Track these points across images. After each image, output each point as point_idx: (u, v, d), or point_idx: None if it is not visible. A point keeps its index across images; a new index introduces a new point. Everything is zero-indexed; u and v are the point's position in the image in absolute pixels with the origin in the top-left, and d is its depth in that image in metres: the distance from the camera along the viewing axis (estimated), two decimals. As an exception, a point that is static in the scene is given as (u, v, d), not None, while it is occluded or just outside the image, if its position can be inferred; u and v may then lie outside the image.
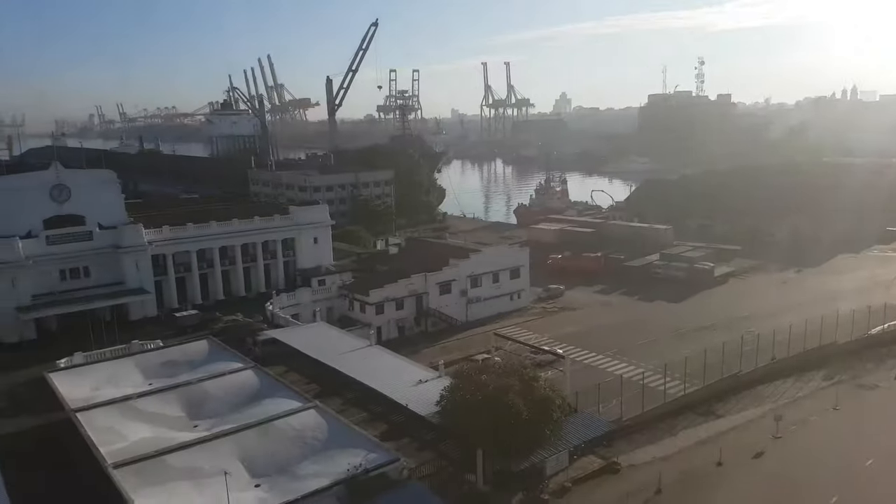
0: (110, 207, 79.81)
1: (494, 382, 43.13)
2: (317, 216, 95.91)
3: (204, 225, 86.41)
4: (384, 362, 57.20)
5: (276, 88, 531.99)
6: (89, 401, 49.42)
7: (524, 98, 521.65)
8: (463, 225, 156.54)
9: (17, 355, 68.30)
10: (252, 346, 65.51)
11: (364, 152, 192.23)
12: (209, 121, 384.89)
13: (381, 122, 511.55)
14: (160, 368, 57.02)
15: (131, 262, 78.52)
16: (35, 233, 74.50)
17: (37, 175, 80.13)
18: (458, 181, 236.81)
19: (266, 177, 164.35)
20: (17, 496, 37.18)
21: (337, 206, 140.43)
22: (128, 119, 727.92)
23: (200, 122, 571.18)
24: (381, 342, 67.11)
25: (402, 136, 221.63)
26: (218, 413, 48.88)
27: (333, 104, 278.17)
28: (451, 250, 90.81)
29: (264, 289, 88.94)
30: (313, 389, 53.26)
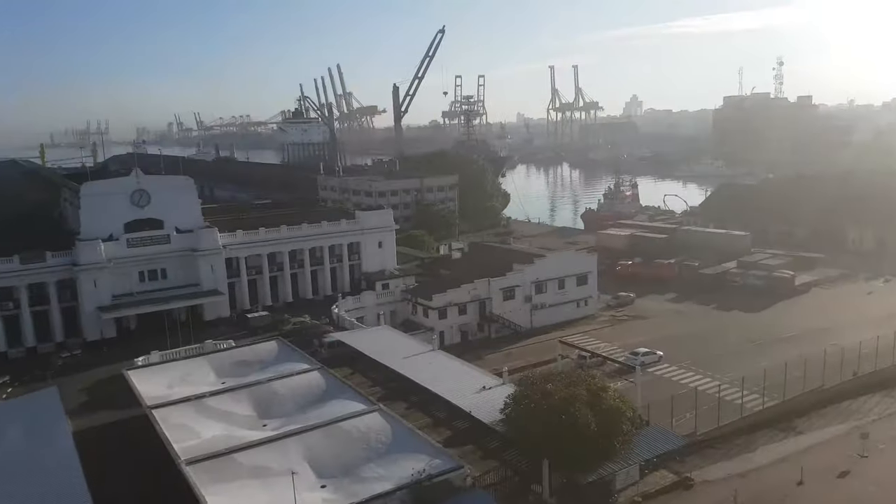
0: (187, 212, 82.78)
1: (561, 392, 42.00)
2: (381, 221, 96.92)
3: (275, 229, 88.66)
4: (447, 367, 56.92)
5: (344, 97, 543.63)
6: (165, 398, 51.10)
7: (592, 101, 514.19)
8: (528, 230, 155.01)
9: (98, 353, 71.78)
10: (319, 348, 66.56)
11: (428, 158, 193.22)
12: (281, 129, 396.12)
13: (445, 127, 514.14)
14: (232, 368, 58.48)
15: (206, 265, 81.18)
16: (116, 236, 77.94)
17: (119, 181, 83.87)
18: (523, 185, 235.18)
19: (334, 183, 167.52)
20: (96, 489, 38.73)
21: (401, 210, 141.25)
22: (204, 127, 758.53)
23: (273, 130, 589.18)
24: (443, 347, 67.14)
25: (466, 142, 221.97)
26: (286, 413, 49.69)
27: (399, 111, 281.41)
28: (515, 255, 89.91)
29: (330, 291, 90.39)
30: (377, 392, 53.54)
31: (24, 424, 48.23)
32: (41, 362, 69.09)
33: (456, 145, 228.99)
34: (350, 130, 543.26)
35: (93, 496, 37.83)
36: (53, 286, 74.32)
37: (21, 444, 45.40)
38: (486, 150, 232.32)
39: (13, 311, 72.40)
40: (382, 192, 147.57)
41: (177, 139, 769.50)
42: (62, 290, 74.78)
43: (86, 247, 74.79)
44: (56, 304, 74.55)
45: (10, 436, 46.61)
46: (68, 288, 74.94)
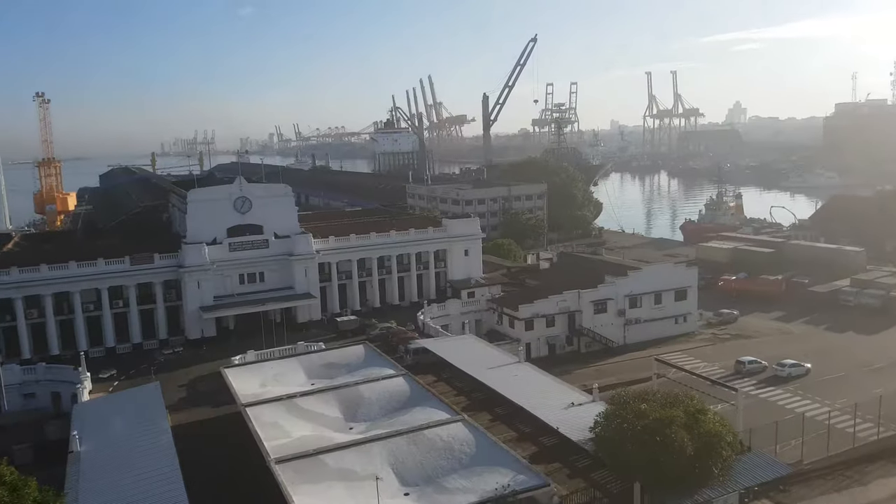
0: (285, 218, 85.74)
1: (656, 412, 39.94)
2: (468, 229, 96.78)
3: (364, 236, 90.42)
4: (534, 381, 55.78)
5: (434, 107, 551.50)
6: (258, 396, 52.84)
7: (692, 107, 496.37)
8: (621, 241, 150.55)
9: (198, 350, 75.32)
10: (404, 354, 66.98)
11: (517, 166, 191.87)
12: (373, 139, 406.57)
13: (535, 135, 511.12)
14: (321, 369, 59.81)
15: (301, 269, 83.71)
16: (220, 240, 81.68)
17: (223, 188, 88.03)
18: (616, 194, 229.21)
19: (422, 191, 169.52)
20: (190, 481, 40.40)
21: (488, 219, 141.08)
22: (302, 138, 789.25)
23: (365, 140, 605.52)
24: (530, 359, 65.64)
25: (556, 150, 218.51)
26: (371, 417, 50.21)
27: (488, 120, 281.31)
28: (607, 267, 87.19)
29: (416, 298, 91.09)
30: (461, 402, 53.04)
31: (128, 416, 51.02)
32: (146, 358, 73.23)
33: (545, 153, 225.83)
34: (439, 139, 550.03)
35: (186, 488, 39.37)
36: (160, 286, 78.72)
37: (124, 434, 48.00)
38: (578, 158, 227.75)
39: (122, 308, 77.18)
40: (469, 201, 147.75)
41: (277, 149, 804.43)
42: (167, 290, 79.09)
43: (191, 250, 78.84)
44: (161, 304, 78.90)
45: (115, 426, 49.39)
46: (173, 288, 79.17)
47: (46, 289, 73.39)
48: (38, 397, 63.77)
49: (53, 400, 63.52)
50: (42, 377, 64.37)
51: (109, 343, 76.30)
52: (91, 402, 57.95)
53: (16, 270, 72.41)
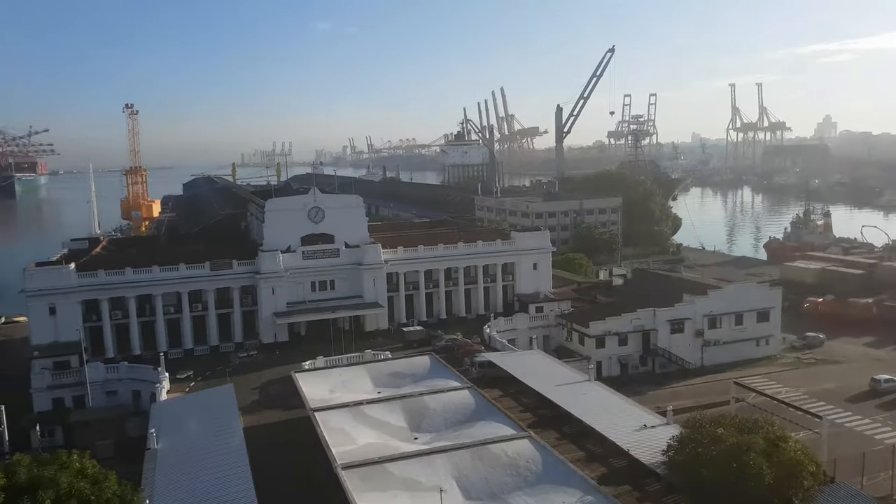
0: (356, 228, 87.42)
1: (733, 438, 38.49)
2: (538, 242, 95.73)
3: (432, 247, 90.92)
4: (604, 400, 54.46)
5: (506, 119, 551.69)
6: (326, 402, 53.77)
7: (778, 121, 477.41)
8: (701, 258, 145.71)
9: (271, 354, 77.41)
10: (469, 367, 66.67)
11: (591, 179, 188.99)
12: (443, 151, 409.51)
13: (611, 148, 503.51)
14: (387, 378, 60.32)
15: (370, 279, 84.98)
16: (294, 248, 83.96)
17: (298, 198, 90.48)
18: (696, 210, 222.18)
19: (491, 203, 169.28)
20: (259, 481, 41.44)
21: (559, 232, 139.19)
22: (374, 150, 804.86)
23: (435, 152, 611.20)
24: (600, 378, 64.19)
25: (633, 163, 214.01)
26: (436, 428, 50.17)
27: (562, 132, 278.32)
28: (685, 285, 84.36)
29: (483, 311, 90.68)
30: (527, 419, 52.36)
31: (203, 416, 52.85)
32: (222, 360, 75.69)
33: (622, 166, 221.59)
34: (510, 152, 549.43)
35: (255, 488, 40.32)
36: (237, 291, 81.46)
37: (198, 434, 49.74)
38: (656, 172, 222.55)
39: (201, 312, 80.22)
40: (540, 214, 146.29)
41: (350, 161, 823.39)
42: (244, 295, 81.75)
43: (267, 257, 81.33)
44: (238, 308, 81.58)
45: (190, 426, 51.28)
46: (249, 294, 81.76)
47: (131, 291, 77.13)
48: (120, 395, 67.06)
49: (134, 398, 66.61)
50: (124, 376, 67.62)
51: (188, 345, 79.43)
52: (168, 402, 60.39)
53: (103, 273, 76.39)
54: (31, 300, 72.89)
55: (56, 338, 72.11)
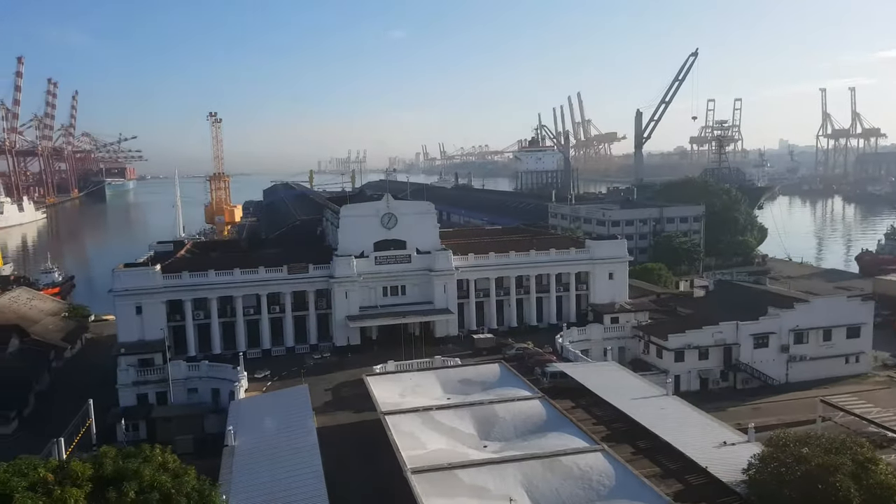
0: (427, 234, 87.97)
1: (819, 458, 36.58)
2: (614, 251, 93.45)
3: (503, 255, 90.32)
4: (682, 415, 52.63)
5: (583, 124, 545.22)
6: (397, 406, 54.05)
7: (873, 127, 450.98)
8: (787, 270, 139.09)
9: (344, 357, 78.75)
10: (540, 377, 65.68)
11: (672, 186, 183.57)
12: (516, 157, 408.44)
13: (693, 154, 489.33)
14: (457, 385, 60.13)
15: (440, 285, 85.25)
16: (367, 253, 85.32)
17: (372, 204, 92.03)
18: (783, 220, 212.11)
19: (565, 210, 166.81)
20: (331, 481, 42.06)
21: (636, 241, 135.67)
22: (447, 157, 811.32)
23: (508, 158, 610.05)
24: (678, 392, 62.34)
25: (716, 169, 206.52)
26: (505, 437, 49.58)
27: (641, 137, 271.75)
28: (770, 298, 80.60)
29: (555, 320, 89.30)
30: (600, 432, 51.06)
31: (279, 415, 54.16)
32: (297, 361, 77.56)
33: (704, 173, 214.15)
34: (586, 158, 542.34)
35: (327, 488, 40.82)
36: (312, 294, 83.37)
37: (274, 432, 50.98)
38: (741, 179, 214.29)
39: (279, 314, 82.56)
40: (616, 221, 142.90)
41: (422, 168, 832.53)
42: (319, 298, 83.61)
43: (341, 262, 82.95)
44: (313, 311, 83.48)
45: (266, 423, 52.65)
46: (324, 297, 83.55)
47: (212, 293, 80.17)
48: (200, 392, 69.70)
49: (213, 396, 69.06)
50: (205, 374, 70.23)
51: (265, 345, 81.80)
52: (246, 400, 62.26)
53: (187, 275, 79.73)
54: (118, 300, 76.80)
55: (142, 336, 75.76)
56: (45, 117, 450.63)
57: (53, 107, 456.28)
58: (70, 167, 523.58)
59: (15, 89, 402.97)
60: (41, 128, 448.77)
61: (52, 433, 53.93)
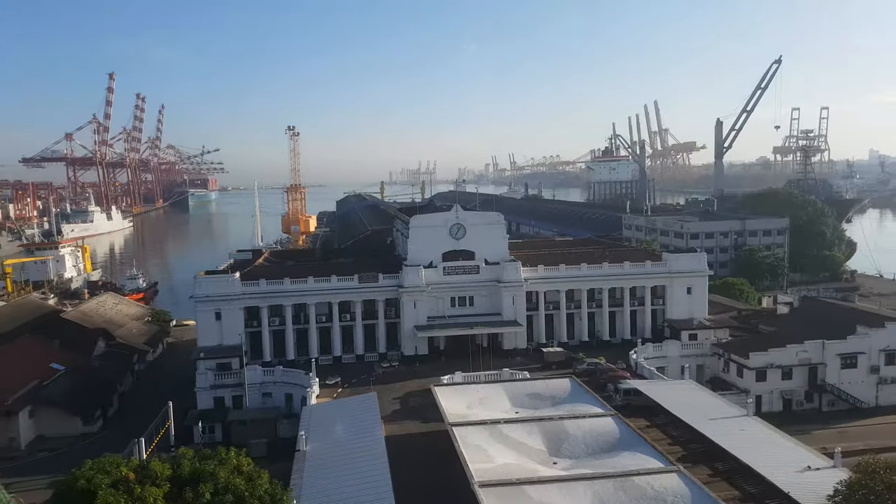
0: (496, 245, 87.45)
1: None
2: (692, 265, 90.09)
3: (575, 267, 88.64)
4: (763, 437, 50.48)
5: (659, 133, 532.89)
6: (464, 417, 53.73)
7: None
8: (878, 287, 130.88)
9: (412, 367, 79.08)
10: (613, 393, 63.95)
11: (753, 198, 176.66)
12: (589, 167, 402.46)
13: (776, 164, 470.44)
14: (525, 399, 59.25)
15: (509, 296, 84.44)
16: (435, 264, 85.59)
17: (441, 215, 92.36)
18: (873, 234, 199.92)
19: (640, 222, 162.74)
20: (398, 489, 42.12)
21: (717, 255, 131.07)
22: (517, 167, 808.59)
23: (581, 168, 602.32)
24: (759, 413, 59.69)
25: (801, 181, 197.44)
26: (576, 454, 48.43)
27: (721, 147, 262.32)
28: (860, 316, 75.96)
29: (629, 335, 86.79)
30: (676, 452, 49.35)
31: (348, 422, 54.82)
32: (366, 369, 78.49)
33: (788, 184, 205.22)
34: (663, 168, 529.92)
35: (394, 496, 40.90)
36: (382, 304, 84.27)
37: (343, 439, 51.61)
38: (828, 191, 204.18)
39: (349, 322, 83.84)
40: (695, 234, 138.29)
41: (492, 179, 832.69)
42: (388, 307, 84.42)
43: (411, 271, 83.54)
44: (382, 320, 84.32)
45: (337, 430, 53.38)
46: (393, 306, 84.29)
47: (287, 300, 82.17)
48: (275, 397, 71.32)
49: (286, 400, 70.50)
50: (279, 379, 71.86)
51: (336, 352, 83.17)
52: (317, 406, 63.25)
53: (264, 282, 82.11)
54: (199, 305, 79.78)
55: (220, 341, 78.38)
56: (134, 130, 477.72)
57: (141, 120, 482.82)
58: (156, 178, 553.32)
59: (106, 104, 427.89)
60: (129, 140, 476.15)
61: (134, 433, 56.35)
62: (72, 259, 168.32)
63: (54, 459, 60.52)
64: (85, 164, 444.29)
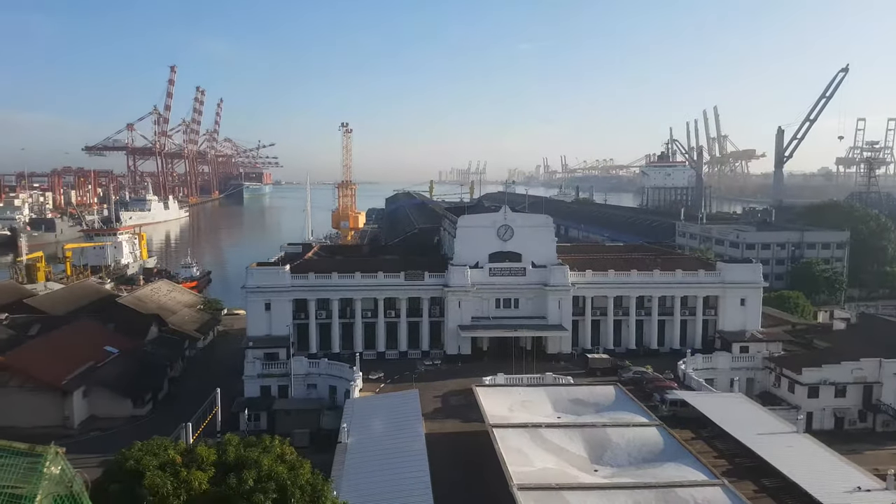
0: (543, 248, 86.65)
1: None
2: (747, 276, 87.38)
3: (624, 273, 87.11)
4: (813, 455, 48.91)
5: (718, 140, 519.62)
6: (505, 419, 53.44)
7: None
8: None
9: (454, 366, 79.10)
10: (659, 403, 62.67)
11: (813, 209, 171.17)
12: (643, 172, 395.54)
13: (838, 176, 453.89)
14: (568, 404, 58.58)
15: (554, 300, 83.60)
16: (481, 264, 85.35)
17: (489, 216, 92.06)
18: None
19: (694, 229, 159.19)
20: (437, 486, 42.16)
21: (773, 266, 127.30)
22: (568, 170, 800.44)
23: (634, 173, 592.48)
24: (810, 431, 57.94)
25: (864, 194, 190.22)
26: (618, 463, 47.66)
27: (782, 156, 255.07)
28: (921, 335, 72.55)
29: (678, 345, 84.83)
30: (722, 466, 48.33)
31: (390, 417, 55.20)
32: (409, 366, 78.84)
33: (850, 197, 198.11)
34: (720, 175, 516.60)
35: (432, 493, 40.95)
36: (426, 302, 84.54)
37: (385, 434, 51.95)
38: (891, 205, 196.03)
39: (394, 318, 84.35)
40: (751, 244, 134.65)
41: (542, 180, 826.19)
42: (433, 306, 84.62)
43: (456, 271, 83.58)
44: (426, 318, 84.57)
45: (378, 425, 53.79)
46: (438, 305, 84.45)
47: (335, 294, 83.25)
48: (319, 389, 72.40)
49: (330, 393, 71.51)
50: (324, 371, 72.89)
51: (380, 348, 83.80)
52: (360, 400, 63.93)
53: (313, 276, 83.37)
54: (250, 295, 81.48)
55: (269, 331, 79.93)
56: (193, 123, 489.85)
57: (200, 113, 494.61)
58: (212, 170, 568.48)
59: (167, 96, 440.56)
60: (188, 132, 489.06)
61: (182, 417, 57.95)
62: (129, 246, 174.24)
63: (105, 439, 62.66)
64: (144, 154, 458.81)
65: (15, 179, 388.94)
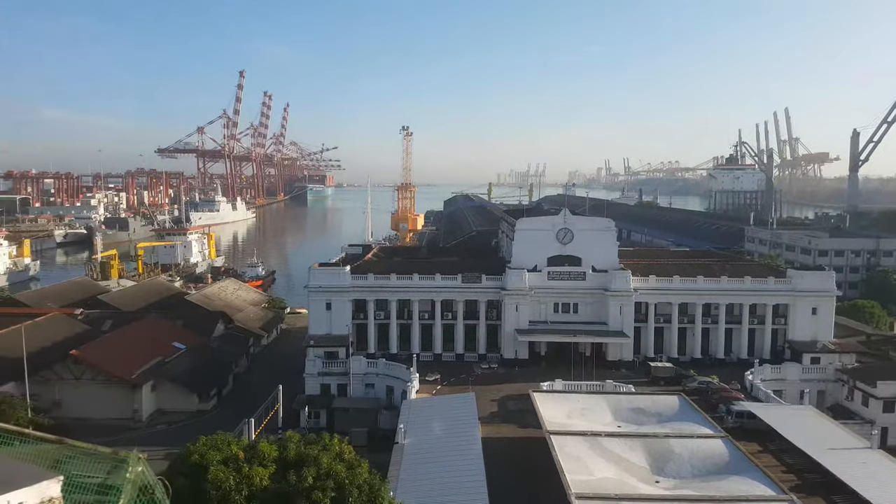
0: (604, 252, 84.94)
1: None
2: (819, 284, 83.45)
3: (690, 279, 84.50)
4: (887, 472, 46.29)
5: (789, 142, 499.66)
6: (563, 427, 52.57)
7: None
8: None
9: (511, 370, 78.49)
10: (725, 415, 60.41)
11: (890, 215, 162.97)
12: (711, 175, 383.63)
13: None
14: (629, 413, 57.18)
15: (616, 306, 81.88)
16: (540, 268, 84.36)
17: (549, 218, 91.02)
18: None
19: (764, 235, 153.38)
20: (493, 492, 41.88)
21: (846, 274, 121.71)
22: (631, 172, 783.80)
23: (701, 176, 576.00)
24: (884, 447, 54.65)
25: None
26: (680, 475, 46.25)
27: (857, 160, 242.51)
28: None
29: (745, 355, 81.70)
30: (790, 481, 46.19)
31: (446, 420, 55.16)
32: (465, 369, 78.70)
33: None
34: (791, 179, 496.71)
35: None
36: (483, 305, 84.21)
37: (441, 436, 51.96)
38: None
39: (451, 321, 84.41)
40: (824, 251, 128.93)
41: (604, 183, 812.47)
42: (490, 309, 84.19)
43: (514, 274, 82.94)
44: (483, 321, 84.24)
45: (434, 426, 53.82)
46: (495, 308, 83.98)
47: (393, 295, 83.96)
48: (377, 388, 73.20)
49: (387, 393, 72.19)
50: (381, 371, 73.65)
51: (437, 350, 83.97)
52: (417, 401, 64.16)
53: (372, 277, 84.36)
54: (312, 295, 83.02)
55: (329, 331, 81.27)
56: (260, 126, 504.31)
57: (267, 117, 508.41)
58: (278, 173, 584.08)
59: (236, 100, 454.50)
60: (255, 136, 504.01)
61: (245, 413, 59.52)
62: (198, 245, 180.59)
63: (171, 432, 65.08)
64: (214, 157, 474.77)
65: (91, 180, 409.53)
